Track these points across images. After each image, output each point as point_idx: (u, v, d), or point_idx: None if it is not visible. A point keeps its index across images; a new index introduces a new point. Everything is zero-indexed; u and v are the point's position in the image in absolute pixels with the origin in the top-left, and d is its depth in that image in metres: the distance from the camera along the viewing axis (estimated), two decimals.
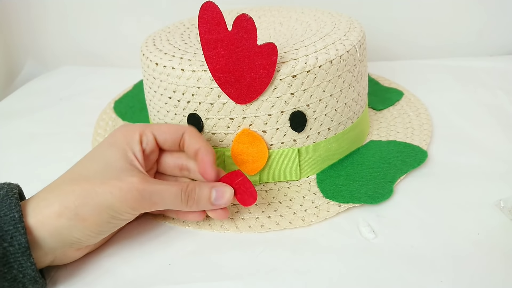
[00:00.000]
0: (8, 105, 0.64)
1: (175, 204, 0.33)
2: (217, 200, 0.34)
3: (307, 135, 0.40)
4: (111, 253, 0.35)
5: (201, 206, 0.34)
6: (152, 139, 0.35)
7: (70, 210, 0.30)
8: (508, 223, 0.35)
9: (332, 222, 0.36)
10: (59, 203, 0.30)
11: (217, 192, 0.34)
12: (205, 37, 0.35)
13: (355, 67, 0.41)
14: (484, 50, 0.69)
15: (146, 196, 0.31)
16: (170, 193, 0.33)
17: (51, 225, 0.29)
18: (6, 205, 0.29)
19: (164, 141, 0.36)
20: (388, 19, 0.68)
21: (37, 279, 0.29)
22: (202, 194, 0.34)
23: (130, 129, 0.35)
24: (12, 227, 0.28)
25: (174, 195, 0.33)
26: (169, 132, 0.36)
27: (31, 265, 0.29)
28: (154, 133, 0.36)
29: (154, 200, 0.32)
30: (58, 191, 0.31)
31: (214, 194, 0.34)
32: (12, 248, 0.28)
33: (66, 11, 0.74)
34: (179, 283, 0.32)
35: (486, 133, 0.47)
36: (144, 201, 0.32)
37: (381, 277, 0.31)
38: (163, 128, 0.36)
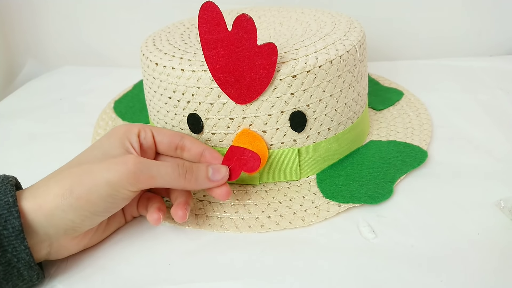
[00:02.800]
0: (8, 105, 0.64)
1: (173, 177, 0.33)
2: (214, 175, 0.35)
3: (307, 135, 0.40)
4: (111, 253, 0.35)
5: (200, 182, 0.35)
6: (151, 136, 0.36)
7: (65, 189, 0.30)
8: (508, 223, 0.35)
9: (332, 222, 0.36)
10: (56, 185, 0.31)
11: (213, 169, 0.35)
12: (205, 37, 0.35)
13: (355, 67, 0.41)
14: (484, 50, 0.69)
15: (143, 169, 0.32)
16: (167, 166, 0.33)
17: (47, 207, 0.30)
18: (1, 191, 0.30)
19: (161, 141, 0.37)
20: (388, 19, 0.68)
21: (31, 264, 0.29)
22: (199, 171, 0.35)
23: (129, 124, 0.36)
24: (6, 211, 0.29)
25: (171, 168, 0.33)
26: (168, 134, 0.37)
27: (25, 248, 0.29)
28: (152, 131, 0.36)
29: (152, 173, 0.32)
30: (56, 176, 0.32)
31: (211, 171, 0.35)
32: (6, 231, 0.28)
33: (67, 11, 0.74)
34: (179, 283, 0.32)
35: (486, 133, 0.47)
36: (141, 174, 0.31)
37: (381, 277, 0.31)
38: (162, 130, 0.37)
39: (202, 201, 0.40)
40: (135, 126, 0.36)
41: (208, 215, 0.38)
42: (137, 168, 0.31)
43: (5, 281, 0.29)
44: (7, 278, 0.29)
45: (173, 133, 0.37)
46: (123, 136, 0.35)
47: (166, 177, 0.33)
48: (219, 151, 0.40)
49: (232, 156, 0.37)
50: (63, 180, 0.31)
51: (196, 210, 0.39)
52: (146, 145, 0.36)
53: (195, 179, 0.34)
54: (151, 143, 0.36)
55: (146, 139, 0.36)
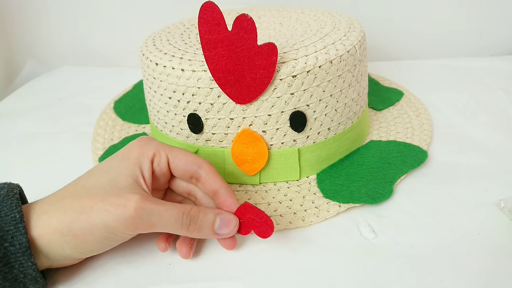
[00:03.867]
0: (8, 105, 0.64)
1: (175, 227, 0.31)
2: (221, 229, 0.32)
3: (307, 135, 0.40)
4: (111, 253, 0.35)
5: (203, 233, 0.32)
6: (165, 162, 0.34)
7: (63, 226, 0.29)
8: (508, 223, 0.35)
9: (332, 222, 0.36)
10: (56, 218, 0.30)
11: (221, 221, 0.32)
12: (205, 37, 0.35)
13: (355, 67, 0.41)
14: (484, 50, 0.69)
15: (143, 216, 0.30)
16: (170, 215, 0.31)
17: (46, 238, 0.29)
18: (7, 206, 0.29)
19: (175, 168, 0.34)
20: (388, 19, 0.68)
21: (38, 279, 0.29)
22: (205, 220, 0.32)
23: (145, 145, 0.34)
24: (13, 227, 0.28)
25: (174, 217, 0.31)
26: (184, 161, 0.34)
27: (31, 265, 0.29)
28: (168, 156, 0.34)
29: (152, 221, 0.30)
30: (58, 205, 0.31)
31: (218, 222, 0.32)
32: (13, 248, 0.28)
33: (67, 11, 0.74)
34: (179, 283, 0.32)
35: (486, 133, 0.47)
36: (141, 221, 0.30)
37: (381, 277, 0.31)
38: (179, 155, 0.34)
39: None
40: (150, 149, 0.33)
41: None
42: (137, 214, 0.30)
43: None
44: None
45: (190, 161, 0.34)
46: (136, 161, 0.32)
47: (167, 226, 0.31)
48: (219, 151, 0.40)
49: (245, 212, 0.33)
50: (63, 215, 0.30)
51: None
52: (160, 172, 0.34)
53: (198, 229, 0.32)
54: (165, 170, 0.34)
55: (160, 166, 0.33)
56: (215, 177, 0.34)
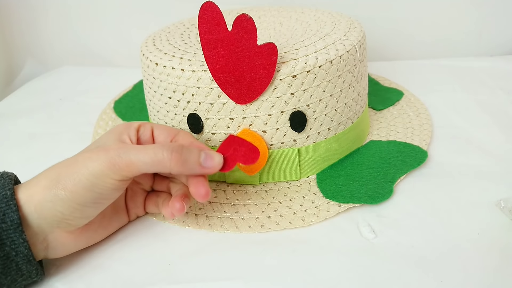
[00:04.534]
0: (8, 105, 0.64)
1: (157, 161, 0.31)
2: (206, 161, 0.33)
3: (307, 135, 0.40)
4: (111, 253, 0.35)
5: (189, 166, 0.32)
6: (149, 131, 0.36)
7: (52, 180, 0.30)
8: (508, 223, 0.35)
9: (332, 222, 0.36)
10: (44, 176, 0.31)
11: (205, 154, 0.33)
12: (205, 37, 0.35)
13: (355, 67, 0.41)
14: (484, 50, 0.69)
15: (121, 153, 0.30)
16: (149, 149, 0.31)
17: (36, 198, 0.30)
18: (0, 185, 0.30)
19: (158, 136, 0.36)
20: (388, 19, 0.68)
21: (30, 258, 0.29)
22: (190, 154, 0.32)
23: (131, 122, 0.36)
24: (4, 205, 0.29)
25: (153, 151, 0.31)
26: (165, 129, 0.36)
27: (23, 241, 0.29)
28: (152, 127, 0.36)
29: (130, 157, 0.30)
30: (49, 168, 0.32)
31: (203, 155, 0.33)
32: (4, 225, 0.28)
33: (66, 11, 0.74)
34: (179, 283, 0.32)
35: (486, 133, 0.47)
36: (119, 159, 0.30)
37: (381, 277, 0.31)
38: (161, 126, 0.37)
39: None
40: (136, 122, 0.36)
41: (208, 215, 0.38)
42: (116, 153, 0.30)
43: (3, 275, 0.29)
44: (5, 272, 0.29)
45: (170, 128, 0.37)
46: (123, 130, 0.35)
47: (147, 161, 0.31)
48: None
49: (229, 146, 0.35)
50: (51, 171, 0.31)
51: (196, 210, 0.39)
52: (144, 139, 0.36)
53: (183, 161, 0.31)
54: (148, 137, 0.36)
55: (144, 134, 0.36)
56: (189, 138, 0.36)
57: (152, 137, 0.36)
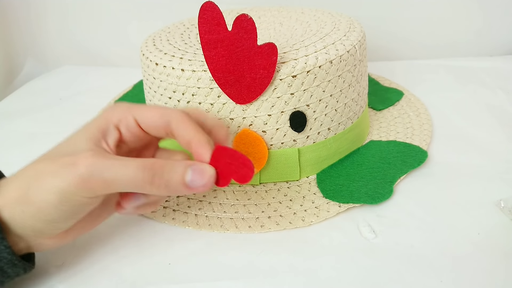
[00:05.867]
0: (8, 105, 0.64)
1: (136, 183, 0.27)
2: (194, 181, 0.28)
3: (307, 135, 0.40)
4: (111, 253, 0.35)
5: (173, 188, 0.28)
6: (134, 124, 0.30)
7: (21, 194, 0.27)
8: (508, 223, 0.35)
9: (332, 222, 0.36)
10: (14, 187, 0.28)
11: (193, 172, 0.28)
12: (205, 37, 0.35)
13: (355, 67, 0.41)
14: (484, 50, 0.69)
15: (95, 173, 0.26)
16: (128, 168, 0.27)
17: (7, 210, 0.28)
18: None
19: (147, 127, 0.31)
20: (388, 19, 0.68)
21: (15, 262, 0.28)
22: (173, 173, 0.28)
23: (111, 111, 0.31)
24: None
25: (132, 171, 0.27)
26: (152, 119, 0.30)
27: (5, 248, 0.27)
28: (136, 118, 0.31)
29: (106, 178, 0.27)
30: (18, 174, 0.29)
31: (190, 174, 0.28)
32: None
33: (66, 10, 0.74)
34: (179, 282, 0.32)
35: (486, 133, 0.47)
36: (92, 179, 0.27)
37: (381, 277, 0.31)
38: (146, 114, 0.31)
39: (202, 201, 0.40)
40: (115, 114, 0.30)
41: (208, 215, 0.38)
42: (88, 171, 0.26)
43: None
44: None
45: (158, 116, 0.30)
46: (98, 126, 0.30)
47: (126, 183, 0.27)
48: None
49: (219, 157, 0.30)
50: (20, 183, 0.28)
51: (196, 210, 0.39)
52: (132, 135, 0.31)
53: (165, 185, 0.28)
54: (137, 132, 0.31)
55: (129, 129, 0.30)
56: (186, 128, 0.30)
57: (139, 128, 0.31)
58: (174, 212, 0.39)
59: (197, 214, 0.38)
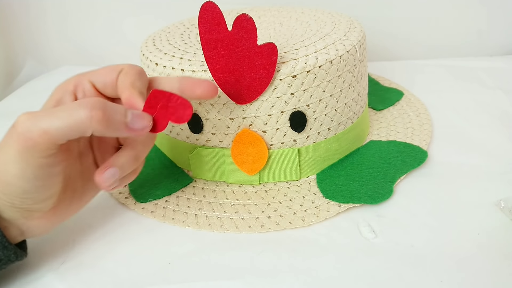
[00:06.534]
0: (8, 105, 0.64)
1: (77, 124, 0.26)
2: (134, 122, 0.29)
3: (307, 135, 0.40)
4: (111, 253, 0.35)
5: (114, 126, 0.28)
6: (90, 87, 0.31)
7: None
8: (508, 223, 0.35)
9: (332, 222, 0.36)
10: None
11: (133, 114, 0.29)
12: (205, 37, 0.35)
13: (355, 67, 0.41)
14: (484, 50, 0.69)
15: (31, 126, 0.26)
16: (68, 110, 0.27)
17: None
18: None
19: (104, 86, 0.31)
20: (388, 19, 0.68)
21: (5, 244, 0.28)
22: (115, 112, 0.28)
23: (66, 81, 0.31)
24: None
25: (74, 110, 0.26)
26: (106, 76, 0.31)
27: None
28: (91, 80, 0.31)
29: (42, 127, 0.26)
30: None
31: (130, 115, 0.28)
32: None
33: (66, 11, 0.74)
34: (179, 282, 0.32)
35: (486, 133, 0.47)
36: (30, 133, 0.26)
37: (381, 277, 0.31)
38: (100, 72, 0.31)
39: (202, 201, 0.40)
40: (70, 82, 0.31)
41: (208, 215, 0.38)
42: (24, 127, 0.26)
43: None
44: None
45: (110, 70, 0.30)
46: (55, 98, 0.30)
47: (62, 125, 0.26)
48: (219, 151, 0.40)
49: (155, 102, 0.30)
50: None
51: (196, 210, 0.39)
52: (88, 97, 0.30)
53: (106, 120, 0.27)
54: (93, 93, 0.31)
55: (86, 94, 0.30)
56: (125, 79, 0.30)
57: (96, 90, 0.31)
58: (174, 212, 0.39)
59: (197, 214, 0.38)
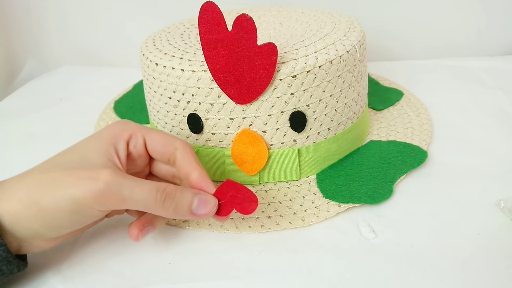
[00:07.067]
0: (8, 105, 0.64)
1: (149, 203, 0.30)
2: (198, 209, 0.31)
3: (307, 135, 0.40)
4: (111, 253, 0.35)
5: (180, 212, 0.31)
6: (142, 143, 0.33)
7: (30, 198, 0.28)
8: (508, 223, 0.35)
9: (332, 222, 0.36)
10: (23, 190, 0.29)
11: (199, 200, 0.31)
12: (205, 37, 0.35)
13: (355, 67, 0.41)
14: (484, 50, 0.69)
15: (114, 188, 0.28)
16: (144, 189, 0.29)
17: (12, 212, 0.28)
18: None
19: (153, 150, 0.33)
20: (388, 19, 0.68)
21: (10, 259, 0.29)
22: (183, 198, 0.31)
23: (121, 127, 0.33)
24: None
25: (148, 192, 0.29)
26: (160, 144, 0.33)
27: (0, 245, 0.28)
28: (145, 138, 0.33)
29: (123, 194, 0.29)
30: (25, 179, 0.30)
31: (196, 202, 0.31)
32: None
33: (66, 11, 0.74)
34: (179, 282, 0.32)
35: (486, 133, 0.47)
36: (111, 194, 0.28)
37: (381, 277, 0.31)
38: (155, 136, 0.33)
39: None
40: (126, 131, 0.33)
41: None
42: (107, 188, 0.28)
43: None
44: None
45: (166, 143, 0.33)
46: (110, 141, 0.32)
47: (140, 202, 0.29)
48: (219, 151, 0.40)
49: (226, 190, 0.32)
50: (29, 188, 0.29)
51: None
52: (136, 153, 0.33)
53: (174, 208, 0.30)
54: (142, 151, 0.33)
55: (136, 147, 0.33)
56: (189, 159, 0.33)
57: (146, 150, 0.33)
58: None
59: None
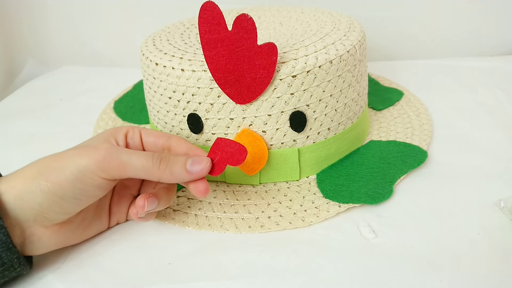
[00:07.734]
0: (8, 105, 0.64)
1: (146, 167, 0.32)
2: (193, 166, 0.33)
3: (307, 135, 0.40)
4: (111, 253, 0.35)
5: (176, 173, 0.32)
6: (138, 136, 0.36)
7: (35, 171, 0.30)
8: (508, 223, 0.35)
9: (332, 222, 0.36)
10: (28, 168, 0.31)
11: (192, 160, 0.33)
12: (205, 37, 0.35)
13: (355, 67, 0.41)
14: (484, 50, 0.69)
15: (113, 154, 0.31)
16: (140, 155, 0.32)
17: (17, 188, 0.30)
18: None
19: (147, 142, 0.36)
20: (388, 19, 0.68)
21: (9, 245, 0.29)
22: (177, 160, 0.33)
23: (119, 126, 0.36)
24: None
25: (144, 157, 0.32)
26: (155, 135, 0.36)
27: (1, 228, 0.28)
28: (141, 132, 0.36)
29: (122, 159, 0.31)
30: (34, 162, 0.32)
31: (190, 161, 0.33)
32: None
33: (67, 10, 0.74)
34: (179, 282, 0.32)
35: (486, 133, 0.47)
36: (111, 159, 0.31)
37: (381, 277, 0.31)
38: (150, 131, 0.36)
39: (202, 201, 0.40)
40: (124, 127, 0.36)
41: (208, 215, 0.38)
42: (107, 153, 0.31)
43: None
44: None
45: (160, 134, 0.36)
46: (110, 134, 0.34)
47: (138, 166, 0.32)
48: None
49: (217, 149, 0.34)
50: (36, 164, 0.31)
51: (196, 211, 0.39)
52: (133, 145, 0.35)
53: (170, 169, 0.32)
54: (138, 143, 0.36)
55: (133, 139, 0.35)
56: (183, 142, 0.36)
57: (141, 142, 0.36)
58: (174, 212, 0.39)
59: (197, 214, 0.38)
